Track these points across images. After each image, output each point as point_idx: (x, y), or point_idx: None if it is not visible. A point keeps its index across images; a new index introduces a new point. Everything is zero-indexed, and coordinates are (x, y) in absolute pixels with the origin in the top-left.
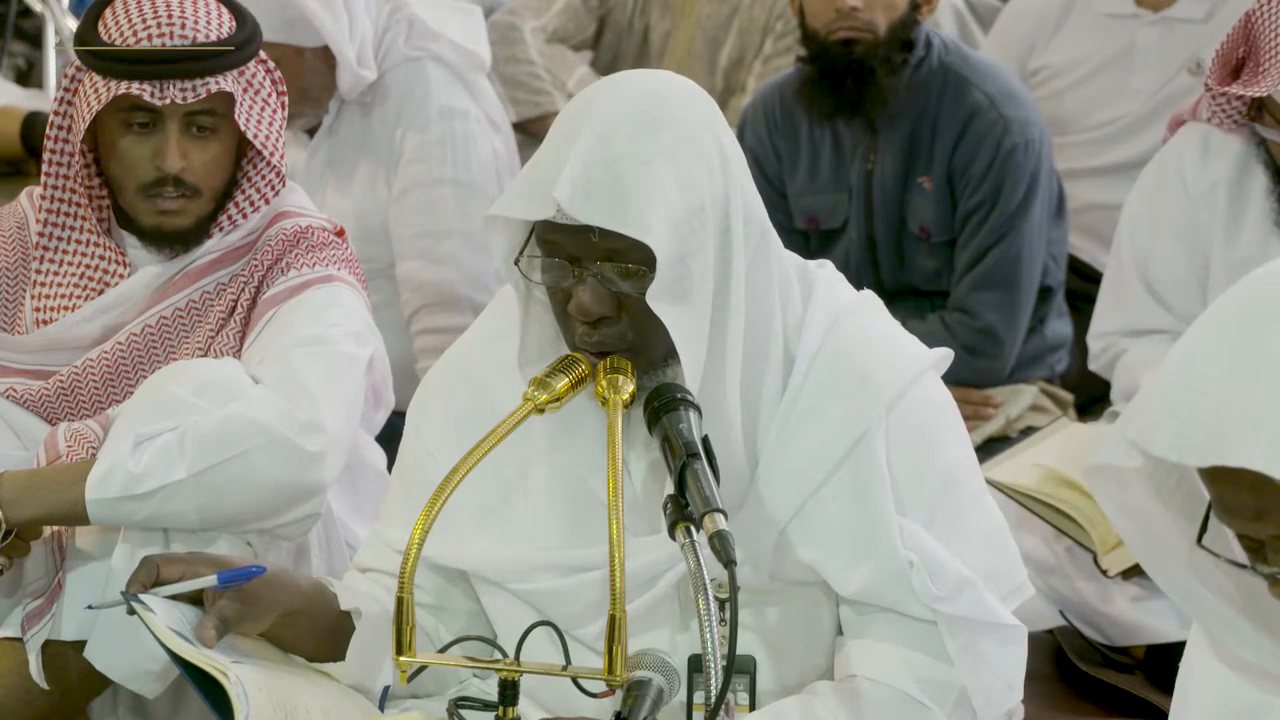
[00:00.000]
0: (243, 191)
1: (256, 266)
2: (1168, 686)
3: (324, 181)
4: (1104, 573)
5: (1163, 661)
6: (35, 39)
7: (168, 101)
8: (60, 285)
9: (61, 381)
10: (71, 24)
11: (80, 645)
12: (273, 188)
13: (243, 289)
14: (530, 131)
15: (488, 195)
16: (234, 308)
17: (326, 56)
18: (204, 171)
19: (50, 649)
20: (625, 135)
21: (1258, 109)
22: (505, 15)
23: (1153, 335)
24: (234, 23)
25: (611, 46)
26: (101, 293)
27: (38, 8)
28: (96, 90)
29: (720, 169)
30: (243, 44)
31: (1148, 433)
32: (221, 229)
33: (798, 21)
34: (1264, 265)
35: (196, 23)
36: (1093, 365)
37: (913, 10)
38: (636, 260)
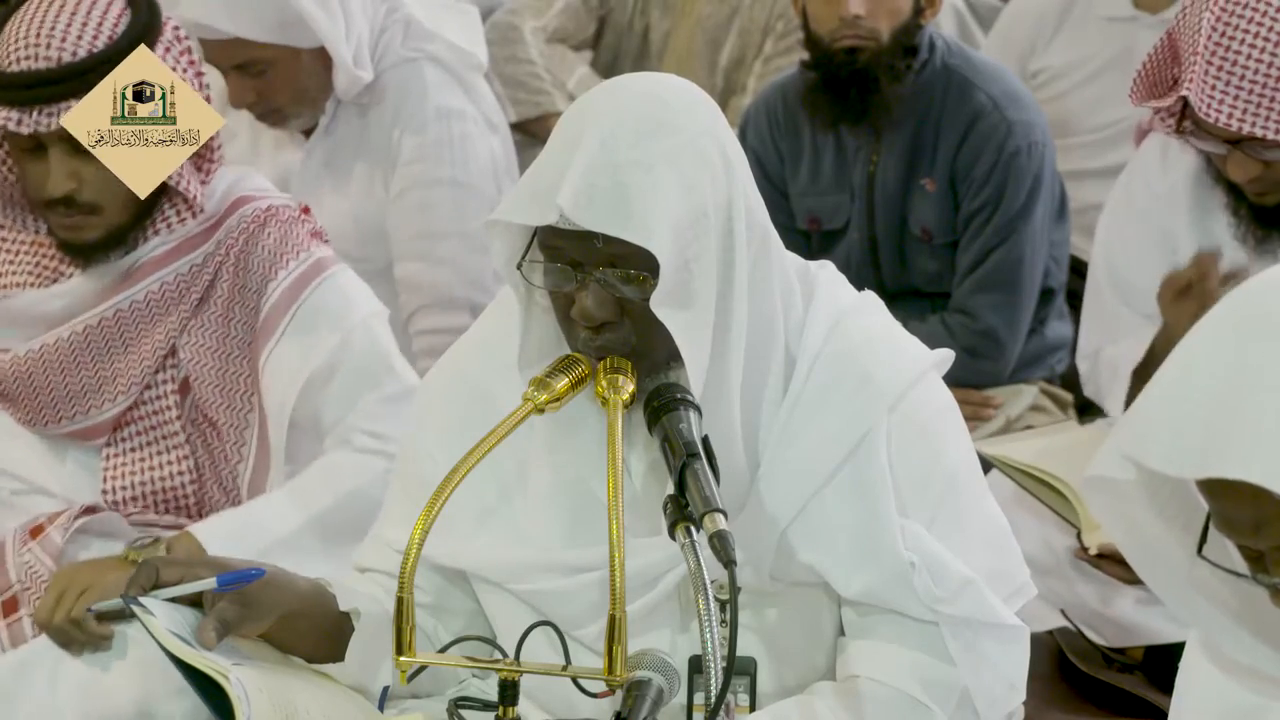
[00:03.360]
0: (160, 211)
1: (232, 244)
2: (1167, 687)
3: (321, 183)
4: (1084, 549)
5: (1162, 662)
6: None
7: (29, 130)
8: (14, 275)
9: (19, 365)
10: None
11: None
12: (189, 206)
13: (218, 270)
14: (530, 132)
15: (485, 196)
16: (210, 289)
17: (323, 57)
18: (102, 187)
19: None
20: (627, 141)
21: (1194, 124)
22: (505, 15)
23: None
24: (115, 29)
25: (611, 46)
26: (54, 283)
27: None
28: None
29: (723, 173)
30: (105, 62)
31: (1142, 445)
32: (157, 233)
33: (800, 23)
34: (1254, 277)
35: (64, 40)
36: (1085, 389)
37: (915, 15)
38: (639, 266)
